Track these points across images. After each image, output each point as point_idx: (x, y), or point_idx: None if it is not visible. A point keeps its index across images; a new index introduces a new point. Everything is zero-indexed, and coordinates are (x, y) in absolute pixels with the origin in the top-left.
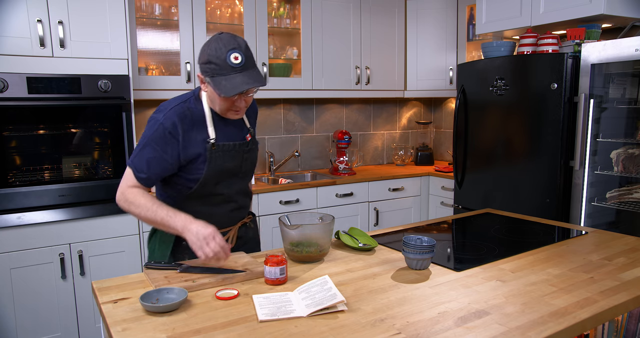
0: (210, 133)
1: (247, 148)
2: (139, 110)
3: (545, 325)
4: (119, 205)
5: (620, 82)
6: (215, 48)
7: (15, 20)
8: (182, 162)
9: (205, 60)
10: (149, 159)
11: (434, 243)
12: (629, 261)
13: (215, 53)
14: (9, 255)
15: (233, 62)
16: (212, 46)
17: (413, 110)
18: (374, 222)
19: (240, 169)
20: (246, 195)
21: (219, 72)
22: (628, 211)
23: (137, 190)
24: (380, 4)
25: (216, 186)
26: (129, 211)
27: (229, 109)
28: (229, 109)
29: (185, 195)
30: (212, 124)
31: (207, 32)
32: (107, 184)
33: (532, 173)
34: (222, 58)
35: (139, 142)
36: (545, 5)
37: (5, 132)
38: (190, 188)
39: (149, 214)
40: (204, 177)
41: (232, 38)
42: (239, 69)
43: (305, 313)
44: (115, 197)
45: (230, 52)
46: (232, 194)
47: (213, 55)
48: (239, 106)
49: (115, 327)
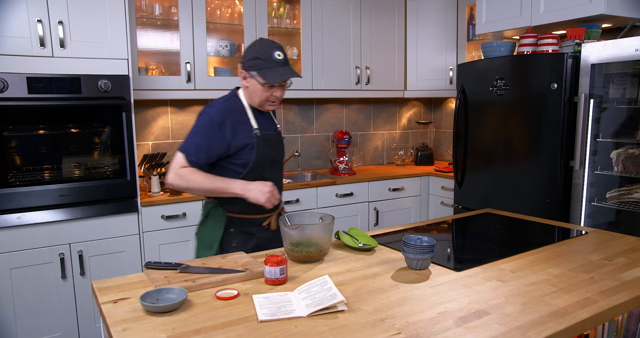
0: (253, 124)
1: (280, 138)
2: (139, 110)
3: (545, 325)
4: (173, 185)
5: (620, 82)
6: (260, 47)
7: (15, 20)
8: (231, 150)
9: (252, 57)
10: (198, 145)
11: (434, 243)
12: (629, 261)
13: (261, 50)
14: (9, 255)
15: (277, 58)
16: (257, 46)
17: (413, 110)
18: (374, 222)
19: (278, 157)
20: (281, 184)
21: (265, 65)
22: (628, 211)
23: (188, 168)
24: (380, 4)
25: (263, 171)
26: (185, 187)
27: (267, 100)
28: (267, 100)
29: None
30: (253, 116)
31: (207, 32)
32: (107, 184)
33: (532, 173)
34: (268, 54)
35: (190, 131)
36: (545, 5)
37: (5, 132)
38: (240, 173)
39: (206, 183)
40: (253, 162)
41: (271, 41)
42: (281, 63)
43: (305, 313)
44: (167, 179)
45: (274, 50)
46: (274, 181)
47: (260, 51)
48: (276, 96)
49: (115, 327)
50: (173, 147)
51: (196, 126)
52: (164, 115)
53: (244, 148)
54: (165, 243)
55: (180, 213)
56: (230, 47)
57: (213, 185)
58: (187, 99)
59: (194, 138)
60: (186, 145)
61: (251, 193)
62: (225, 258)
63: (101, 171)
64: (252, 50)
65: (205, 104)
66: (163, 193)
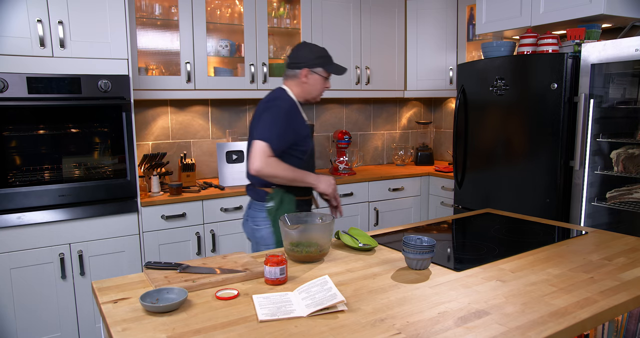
0: (304, 115)
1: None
2: (139, 110)
3: (545, 325)
4: (260, 172)
5: (620, 82)
6: (316, 48)
7: (15, 20)
8: (298, 138)
9: (316, 56)
10: (278, 134)
11: (434, 243)
12: (629, 261)
13: (320, 50)
14: (9, 255)
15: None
16: (313, 48)
17: (413, 110)
18: (374, 222)
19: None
20: None
21: (329, 61)
22: (628, 211)
23: (274, 158)
24: (380, 4)
25: (312, 158)
26: (271, 174)
27: (322, 91)
28: (322, 91)
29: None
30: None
31: (207, 32)
32: (107, 184)
33: (532, 174)
34: (326, 53)
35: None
36: (545, 5)
37: (5, 132)
38: (301, 160)
39: (289, 173)
40: (310, 149)
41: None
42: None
43: (305, 313)
44: (253, 168)
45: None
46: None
47: (320, 51)
48: (328, 87)
49: (115, 327)
50: (173, 147)
51: (271, 117)
52: (164, 115)
53: (304, 137)
54: (165, 243)
55: (180, 213)
56: (230, 47)
57: (294, 175)
58: (187, 99)
59: (274, 128)
60: (267, 134)
61: (321, 185)
62: (225, 258)
63: (101, 171)
64: (311, 51)
65: (205, 104)
66: (163, 193)
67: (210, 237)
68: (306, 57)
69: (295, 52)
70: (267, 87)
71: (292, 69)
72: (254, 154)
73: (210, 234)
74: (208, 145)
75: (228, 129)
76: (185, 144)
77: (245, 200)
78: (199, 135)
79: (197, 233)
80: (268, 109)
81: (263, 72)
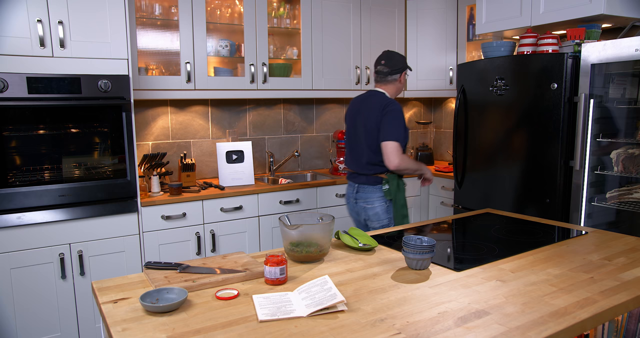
0: None
1: None
2: (139, 110)
3: (545, 325)
4: (399, 168)
5: (620, 82)
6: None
7: (15, 20)
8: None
9: (404, 60)
10: (404, 134)
11: (434, 243)
12: (629, 261)
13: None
14: (9, 255)
15: None
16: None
17: (413, 110)
18: None
19: None
20: None
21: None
22: (628, 211)
23: (405, 155)
24: (380, 4)
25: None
26: (406, 168)
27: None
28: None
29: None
30: None
31: (207, 32)
32: (107, 184)
33: (532, 174)
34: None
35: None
36: (545, 5)
37: (5, 132)
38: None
39: (415, 165)
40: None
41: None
42: None
43: (305, 313)
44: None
45: None
46: None
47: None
48: None
49: (115, 327)
50: (173, 147)
51: (397, 120)
52: (164, 115)
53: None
54: (165, 243)
55: (180, 213)
56: (230, 47)
57: (417, 166)
58: (187, 99)
59: (401, 130)
60: (397, 135)
61: (428, 173)
62: (225, 258)
63: (101, 171)
64: (402, 56)
65: (205, 104)
66: (163, 193)
67: (210, 237)
68: (402, 62)
69: (391, 60)
70: (267, 87)
71: (393, 74)
72: (391, 153)
73: (210, 234)
74: (208, 145)
75: (228, 129)
76: (185, 144)
77: (246, 200)
78: (199, 135)
79: (197, 233)
80: (393, 111)
81: (263, 72)
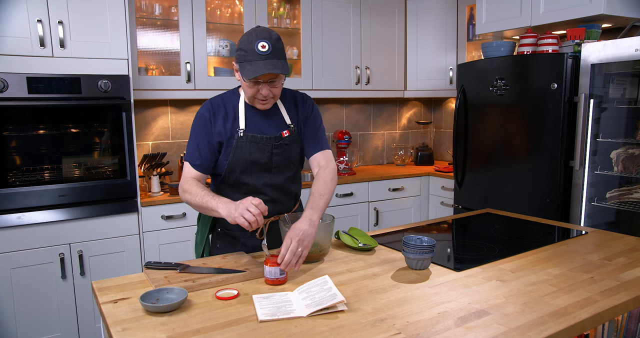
0: (241, 123)
1: (277, 143)
2: (139, 110)
3: (545, 325)
4: (181, 198)
5: (620, 82)
6: (247, 37)
7: (15, 20)
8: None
9: (237, 47)
10: (198, 144)
11: (434, 243)
12: (629, 261)
13: (246, 41)
14: (9, 255)
15: (260, 50)
16: (245, 36)
17: (413, 110)
18: (374, 222)
19: (271, 163)
20: (281, 190)
21: (246, 58)
22: (628, 211)
23: (192, 180)
24: (380, 4)
25: (242, 175)
26: (186, 201)
27: (254, 97)
28: (254, 97)
29: (219, 182)
30: (244, 115)
31: (207, 32)
32: (107, 184)
33: (532, 174)
34: (251, 46)
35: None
36: (545, 5)
37: (5, 132)
38: (220, 175)
39: (197, 199)
40: (229, 164)
41: (266, 31)
42: (264, 56)
43: (305, 313)
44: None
45: (259, 41)
46: (259, 186)
47: (244, 42)
48: (262, 94)
49: (115, 327)
50: (173, 147)
51: (192, 128)
52: (164, 115)
53: (226, 148)
54: (165, 243)
55: (180, 213)
56: (230, 47)
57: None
58: (187, 99)
59: (192, 140)
60: (188, 152)
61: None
62: (225, 258)
63: (101, 171)
64: (240, 40)
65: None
66: (163, 193)
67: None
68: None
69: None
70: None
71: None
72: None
73: None
74: None
75: None
76: (185, 144)
77: None
78: None
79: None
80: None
81: None
